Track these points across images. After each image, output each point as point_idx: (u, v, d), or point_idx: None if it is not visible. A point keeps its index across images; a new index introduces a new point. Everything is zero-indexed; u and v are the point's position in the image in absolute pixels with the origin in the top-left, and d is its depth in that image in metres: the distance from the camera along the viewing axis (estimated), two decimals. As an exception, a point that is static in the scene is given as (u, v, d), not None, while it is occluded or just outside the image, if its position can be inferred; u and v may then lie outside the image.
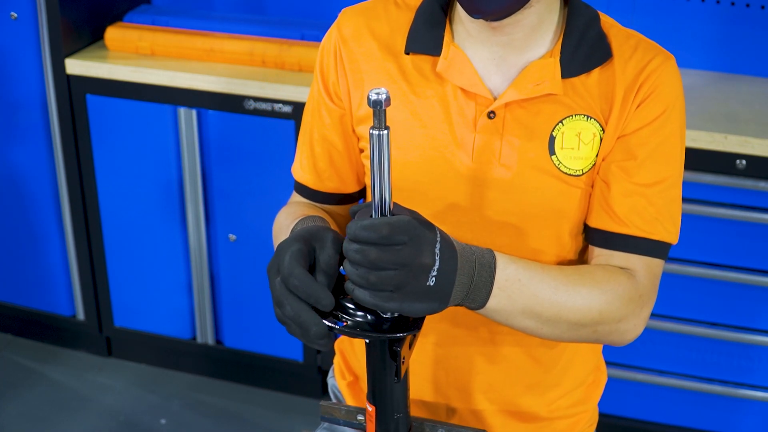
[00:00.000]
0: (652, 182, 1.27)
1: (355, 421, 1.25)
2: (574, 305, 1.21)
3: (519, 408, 1.39)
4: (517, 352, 1.36)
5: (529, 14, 1.24)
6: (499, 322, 1.20)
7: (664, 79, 1.26)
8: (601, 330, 1.24)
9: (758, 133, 2.25)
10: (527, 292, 1.18)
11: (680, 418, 2.59)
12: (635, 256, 1.28)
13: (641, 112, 1.26)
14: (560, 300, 1.20)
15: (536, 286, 1.19)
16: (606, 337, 1.26)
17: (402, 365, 1.06)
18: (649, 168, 1.27)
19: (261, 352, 2.88)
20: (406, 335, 1.04)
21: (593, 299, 1.22)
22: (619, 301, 1.24)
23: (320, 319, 1.04)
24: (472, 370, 1.37)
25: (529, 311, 1.19)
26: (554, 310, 1.20)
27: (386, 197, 1.01)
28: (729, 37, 2.60)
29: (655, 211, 1.27)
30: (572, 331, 1.23)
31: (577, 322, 1.21)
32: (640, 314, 1.26)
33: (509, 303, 1.17)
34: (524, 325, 1.20)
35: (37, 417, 2.86)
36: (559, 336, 1.23)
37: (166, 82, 2.60)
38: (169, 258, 2.84)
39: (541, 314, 1.19)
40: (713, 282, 2.43)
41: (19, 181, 2.91)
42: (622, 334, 1.27)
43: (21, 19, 2.70)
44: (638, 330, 1.27)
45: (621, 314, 1.24)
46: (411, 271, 1.03)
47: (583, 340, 1.26)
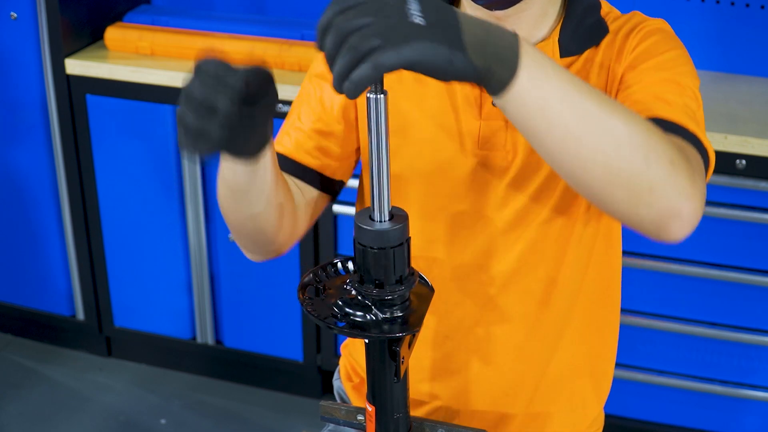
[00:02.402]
0: (659, 80, 1.20)
1: (355, 421, 1.25)
2: (616, 109, 1.01)
3: (516, 410, 1.39)
4: (511, 353, 1.36)
5: (532, 4, 1.24)
6: (529, 120, 0.98)
7: (654, 27, 1.26)
8: (653, 156, 1.00)
9: (758, 133, 2.25)
10: (562, 75, 0.98)
11: (680, 418, 2.59)
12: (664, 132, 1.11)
13: (631, 53, 1.24)
14: (601, 98, 1.00)
15: (569, 75, 1.00)
16: (658, 180, 1.01)
17: (401, 365, 1.06)
18: (651, 75, 1.21)
19: (261, 352, 2.88)
20: (406, 335, 1.04)
21: (632, 112, 1.03)
22: (660, 136, 1.03)
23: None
24: (469, 371, 1.37)
25: (569, 99, 0.97)
26: (597, 102, 0.99)
27: (384, 166, 1.01)
28: (729, 37, 2.60)
29: (671, 102, 1.17)
30: (618, 140, 0.99)
31: (624, 120, 1.00)
32: (692, 178, 1.03)
33: (544, 78, 0.96)
34: (564, 121, 0.98)
35: (37, 417, 2.86)
36: (603, 153, 0.99)
37: (166, 82, 2.60)
38: (169, 258, 2.84)
39: (584, 106, 0.98)
40: (713, 282, 2.43)
41: (19, 181, 2.91)
42: (678, 190, 1.01)
43: (21, 19, 2.70)
44: (695, 203, 1.02)
45: (671, 152, 1.02)
46: (384, 12, 0.90)
47: (630, 174, 1.00)
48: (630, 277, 2.47)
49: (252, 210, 1.21)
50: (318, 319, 1.04)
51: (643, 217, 1.03)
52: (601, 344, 1.42)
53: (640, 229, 1.05)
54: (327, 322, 1.04)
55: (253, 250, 1.32)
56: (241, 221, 1.24)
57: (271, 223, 1.24)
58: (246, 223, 1.24)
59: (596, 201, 1.04)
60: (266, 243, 1.28)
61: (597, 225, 1.32)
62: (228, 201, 1.21)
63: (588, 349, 1.40)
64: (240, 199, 1.19)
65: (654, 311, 2.50)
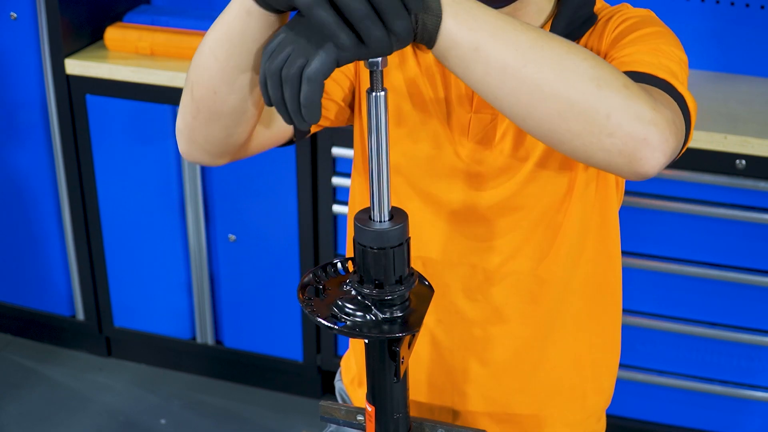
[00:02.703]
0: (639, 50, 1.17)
1: (355, 421, 1.25)
2: (555, 39, 0.98)
3: (513, 410, 1.39)
4: (508, 351, 1.36)
5: (528, 2, 1.24)
6: (468, 65, 0.97)
7: (639, 13, 1.25)
8: (604, 83, 0.97)
9: (758, 133, 2.25)
10: (490, 12, 0.97)
11: (680, 418, 2.59)
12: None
13: (612, 33, 1.23)
14: (538, 31, 0.98)
15: (498, 14, 0.98)
16: (614, 105, 0.97)
17: (401, 365, 1.06)
18: (632, 47, 1.18)
19: (261, 352, 2.88)
20: (405, 335, 1.04)
21: (580, 47, 1.00)
22: (614, 70, 0.99)
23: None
24: (467, 372, 1.37)
25: (502, 34, 0.96)
26: (533, 34, 0.97)
27: (384, 165, 1.01)
28: (729, 37, 2.60)
29: (649, 62, 1.14)
30: (563, 69, 0.97)
31: (566, 51, 0.98)
32: (654, 105, 1.00)
33: (471, 18, 0.95)
34: (501, 57, 0.95)
35: (37, 417, 2.86)
36: (549, 84, 0.96)
37: (166, 82, 2.60)
38: (169, 258, 2.84)
39: (518, 39, 0.96)
40: (713, 282, 2.43)
41: (19, 181, 2.91)
42: (639, 116, 0.98)
43: (21, 19, 2.70)
44: (661, 129, 0.99)
45: (622, 78, 0.99)
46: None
47: (582, 102, 0.97)
48: (630, 277, 2.47)
49: (236, 94, 1.11)
50: (318, 319, 1.04)
51: (608, 149, 0.99)
52: (601, 337, 1.41)
53: (611, 166, 1.01)
54: (327, 322, 1.04)
55: (202, 139, 1.19)
56: (221, 99, 1.12)
57: (242, 118, 1.15)
58: (222, 103, 1.13)
59: (556, 141, 1.01)
60: (220, 137, 1.18)
61: (590, 217, 1.31)
62: (223, 54, 1.08)
63: (587, 342, 1.39)
64: (240, 55, 1.07)
65: (654, 311, 2.50)
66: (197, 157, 1.23)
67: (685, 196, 2.36)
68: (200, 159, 1.23)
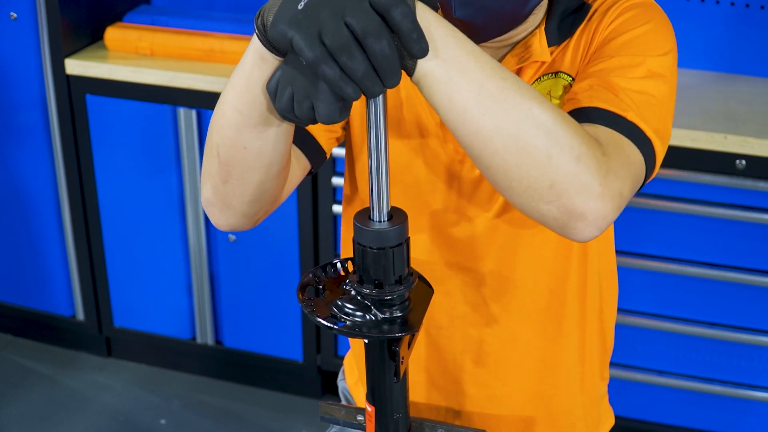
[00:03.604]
0: (617, 66, 1.16)
1: (355, 421, 1.25)
2: (524, 91, 0.98)
3: (512, 412, 1.39)
4: (506, 352, 1.35)
5: (525, 23, 1.23)
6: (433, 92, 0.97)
7: (635, 2, 1.23)
8: (555, 152, 0.97)
9: (758, 133, 2.25)
10: (467, 47, 0.97)
11: (680, 419, 2.59)
12: (594, 125, 1.09)
13: (606, 29, 1.22)
14: (507, 76, 0.98)
15: (476, 48, 0.98)
16: (559, 177, 0.98)
17: (401, 365, 1.06)
18: (615, 58, 1.17)
19: (261, 352, 2.88)
20: (405, 335, 1.04)
21: (546, 102, 1.00)
22: (575, 131, 0.99)
23: None
24: (464, 372, 1.37)
25: (472, 78, 0.96)
26: (499, 83, 0.97)
27: (383, 165, 1.01)
28: (729, 37, 2.60)
29: (622, 89, 1.14)
30: (518, 129, 0.97)
31: (526, 112, 0.97)
32: (605, 177, 1.00)
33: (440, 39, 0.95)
34: (464, 100, 0.96)
35: (37, 417, 2.86)
36: (501, 140, 0.97)
37: (166, 82, 2.61)
38: (169, 258, 2.84)
39: (483, 84, 0.96)
40: (713, 282, 2.43)
41: (19, 181, 2.91)
42: (581, 189, 0.98)
43: (21, 19, 2.70)
44: (603, 203, 1.00)
45: (578, 148, 0.98)
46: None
47: (528, 167, 0.98)
48: (630, 277, 2.47)
49: (268, 144, 1.09)
50: (317, 319, 1.04)
51: (544, 214, 1.01)
52: (599, 335, 1.41)
53: (544, 224, 1.03)
54: (326, 322, 1.04)
55: (233, 200, 1.18)
56: (253, 154, 1.10)
57: (275, 168, 1.13)
58: (255, 158, 1.11)
59: (498, 189, 1.02)
60: (255, 195, 1.16)
61: None
62: (245, 125, 1.07)
63: (585, 339, 1.39)
64: (263, 103, 1.05)
65: (654, 311, 2.50)
66: (234, 223, 1.21)
67: (685, 196, 2.36)
68: (237, 224, 1.21)
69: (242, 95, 1.04)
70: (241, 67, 1.03)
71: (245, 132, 1.06)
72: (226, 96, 1.07)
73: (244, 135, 1.07)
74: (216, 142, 1.10)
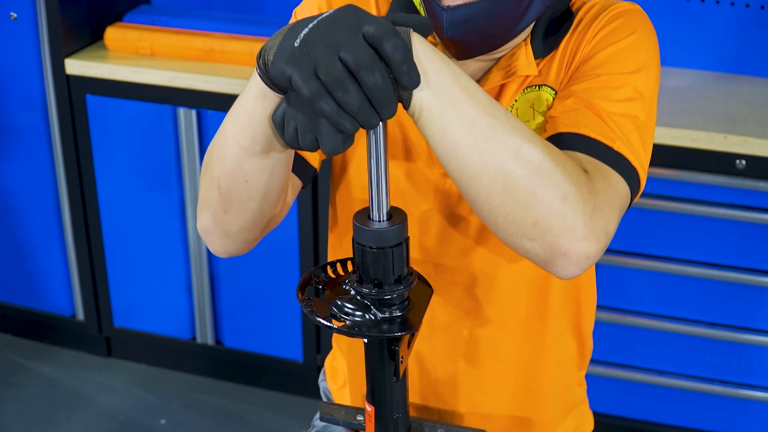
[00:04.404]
0: (601, 87, 1.15)
1: (355, 421, 1.25)
2: (514, 129, 0.99)
3: (502, 410, 1.39)
4: (495, 352, 1.35)
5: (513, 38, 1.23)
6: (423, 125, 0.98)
7: (621, 10, 1.23)
8: (541, 191, 0.98)
9: (758, 133, 2.25)
10: (462, 82, 0.98)
11: (680, 418, 2.59)
12: (580, 154, 1.09)
13: (592, 41, 1.21)
14: (499, 113, 0.99)
15: (470, 83, 0.99)
16: (544, 216, 0.99)
17: (401, 365, 1.06)
18: (594, 79, 1.17)
19: (261, 352, 2.88)
20: (404, 334, 1.04)
21: (536, 139, 1.00)
22: (564, 168, 1.00)
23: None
24: (456, 373, 1.37)
25: (460, 107, 0.97)
26: (490, 120, 0.98)
27: (382, 165, 1.01)
28: (729, 37, 2.60)
29: (607, 113, 1.13)
30: (505, 167, 0.98)
31: (515, 150, 0.98)
32: (591, 216, 1.01)
33: (434, 73, 0.96)
34: (454, 134, 0.98)
35: (37, 417, 2.86)
36: (486, 172, 0.98)
37: (166, 82, 2.61)
38: (169, 258, 2.84)
39: (474, 120, 0.97)
40: (713, 282, 2.43)
41: (19, 181, 2.91)
42: (566, 229, 1.00)
43: (21, 19, 2.70)
44: (588, 244, 1.01)
45: (566, 188, 0.99)
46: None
47: (515, 199, 0.99)
48: (630, 277, 2.47)
49: (269, 175, 1.10)
50: (317, 318, 1.04)
51: (527, 250, 1.03)
52: (582, 310, 1.41)
53: (528, 259, 1.05)
54: (326, 321, 1.04)
55: (237, 229, 1.19)
56: (254, 185, 1.12)
57: (275, 195, 1.15)
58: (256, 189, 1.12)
59: (485, 223, 1.04)
60: (254, 222, 1.18)
61: None
62: (247, 159, 1.08)
63: (572, 314, 1.40)
64: (264, 138, 1.06)
65: (654, 311, 2.50)
66: (232, 250, 1.22)
67: (685, 196, 2.36)
68: (236, 250, 1.22)
69: (244, 130, 1.05)
70: (243, 102, 1.04)
71: (247, 165, 1.08)
72: (227, 130, 1.08)
73: (246, 168, 1.08)
74: (217, 174, 1.12)
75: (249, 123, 1.04)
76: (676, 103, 2.40)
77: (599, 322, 2.52)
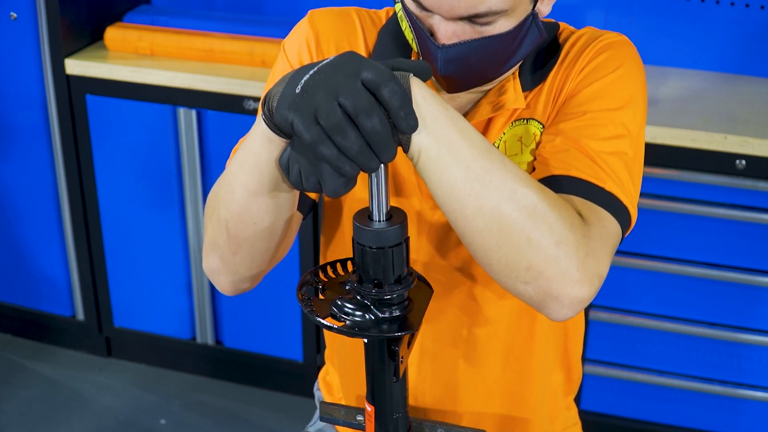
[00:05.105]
0: (589, 125, 1.16)
1: (355, 421, 1.25)
2: (509, 173, 1.01)
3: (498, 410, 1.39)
4: (494, 354, 1.36)
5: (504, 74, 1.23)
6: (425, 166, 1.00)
7: (607, 42, 1.23)
8: (536, 236, 1.00)
9: (758, 133, 2.25)
10: (459, 126, 1.00)
11: (680, 418, 2.59)
12: (575, 197, 1.10)
13: (579, 75, 1.22)
14: (495, 158, 1.01)
15: (467, 127, 1.01)
16: (537, 261, 1.01)
17: (401, 365, 1.06)
18: (581, 117, 1.18)
19: (261, 352, 2.88)
20: (404, 334, 1.04)
21: (531, 183, 1.02)
22: (558, 213, 1.02)
23: None
24: (444, 400, 1.37)
25: (457, 151, 0.99)
26: (486, 164, 1.00)
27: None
28: (729, 37, 2.60)
29: (595, 152, 1.14)
30: (500, 211, 1.00)
31: (510, 194, 1.00)
32: (584, 261, 1.02)
33: (432, 118, 0.98)
34: (451, 177, 1.00)
35: (37, 417, 2.86)
36: (481, 215, 1.00)
37: (165, 82, 2.61)
38: (168, 258, 2.84)
39: (470, 164, 0.99)
40: (713, 282, 2.43)
41: (19, 181, 2.91)
42: (559, 274, 1.01)
43: (21, 19, 2.70)
44: (581, 288, 1.02)
45: (560, 232, 1.01)
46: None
47: (509, 243, 1.01)
48: (630, 277, 2.47)
49: (275, 216, 1.13)
50: (317, 318, 1.04)
51: (520, 292, 1.05)
52: (569, 338, 1.42)
53: (522, 300, 1.06)
54: (326, 321, 1.04)
55: (242, 269, 1.22)
56: (262, 227, 1.14)
57: (281, 235, 1.18)
58: (264, 230, 1.15)
59: (477, 262, 1.06)
60: (262, 260, 1.21)
61: None
62: (254, 201, 1.10)
63: (559, 343, 1.40)
64: (271, 181, 1.08)
65: (654, 311, 2.50)
66: (241, 287, 1.25)
67: (685, 196, 2.36)
68: (243, 287, 1.26)
69: (251, 174, 1.07)
70: (249, 147, 1.06)
71: (254, 207, 1.10)
72: (233, 174, 1.10)
73: (253, 210, 1.11)
74: (225, 217, 1.14)
75: (256, 167, 1.06)
76: (676, 103, 2.40)
77: (599, 322, 2.53)
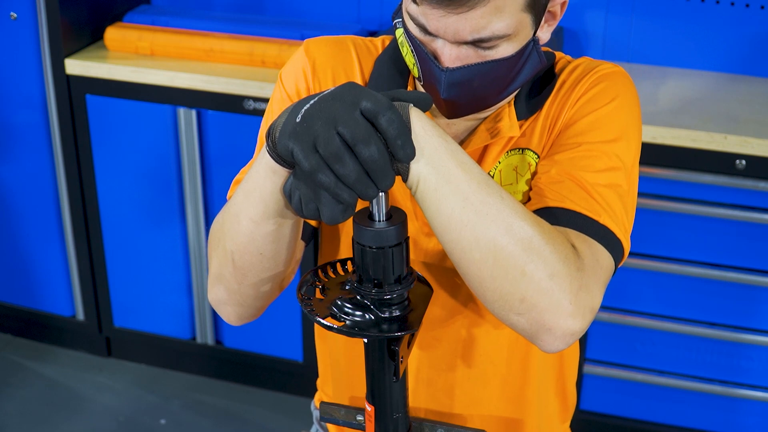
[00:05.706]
0: (584, 156, 1.17)
1: (355, 421, 1.25)
2: (506, 206, 1.02)
3: (496, 411, 1.39)
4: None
5: (503, 99, 1.23)
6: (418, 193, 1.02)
7: (602, 74, 1.23)
8: (530, 268, 1.01)
9: (758, 133, 2.25)
10: (458, 158, 1.01)
11: (680, 418, 2.59)
12: (570, 230, 1.11)
13: (574, 106, 1.22)
14: (493, 191, 1.02)
15: (466, 159, 1.02)
16: (531, 293, 1.02)
17: (400, 365, 1.06)
18: (576, 149, 1.18)
19: (261, 352, 2.88)
20: (404, 334, 1.04)
21: (527, 216, 1.03)
22: (554, 246, 1.03)
23: None
24: (452, 400, 1.37)
25: (455, 183, 1.00)
26: (483, 197, 1.01)
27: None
28: (729, 37, 2.60)
29: (590, 184, 1.15)
30: (495, 244, 1.01)
31: (506, 227, 1.01)
32: (577, 294, 1.03)
33: (432, 148, 1.00)
34: (448, 207, 1.01)
35: (37, 417, 2.86)
36: (477, 247, 1.01)
37: (165, 82, 2.61)
38: (168, 258, 2.84)
39: (468, 196, 1.00)
40: (713, 282, 2.43)
41: (19, 181, 2.91)
42: (552, 306, 1.02)
43: (21, 19, 2.70)
44: (573, 321, 1.03)
45: (554, 265, 1.02)
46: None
47: (504, 275, 1.02)
48: (630, 277, 2.47)
49: (279, 246, 1.13)
50: (317, 318, 1.04)
51: (513, 323, 1.05)
52: (565, 365, 1.42)
53: (515, 331, 1.07)
54: (325, 322, 1.04)
55: (248, 299, 1.21)
56: (267, 257, 1.15)
57: (285, 263, 1.18)
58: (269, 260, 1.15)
59: (473, 292, 1.07)
60: (268, 289, 1.21)
61: None
62: (260, 232, 1.11)
63: (555, 371, 1.40)
64: (276, 211, 1.09)
65: (654, 311, 2.50)
66: (246, 317, 1.26)
67: (685, 196, 2.36)
68: (249, 316, 1.26)
69: (256, 206, 1.08)
70: (254, 179, 1.07)
71: (259, 238, 1.11)
72: (237, 205, 1.11)
73: (259, 240, 1.11)
74: (230, 248, 1.14)
75: (260, 198, 1.07)
76: (676, 103, 2.40)
77: (599, 322, 2.53)
